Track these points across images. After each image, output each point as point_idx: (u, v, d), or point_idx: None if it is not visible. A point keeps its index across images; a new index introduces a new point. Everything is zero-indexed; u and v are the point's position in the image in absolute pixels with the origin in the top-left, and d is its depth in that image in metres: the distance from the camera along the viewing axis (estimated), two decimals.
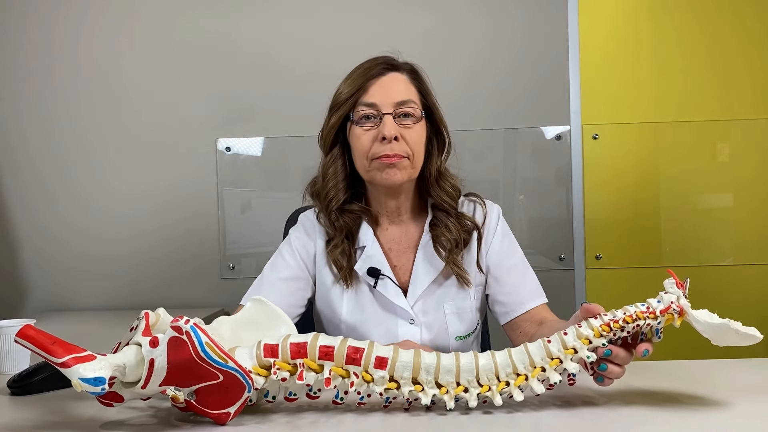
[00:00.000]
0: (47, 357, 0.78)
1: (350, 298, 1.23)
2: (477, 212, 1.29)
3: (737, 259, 2.35)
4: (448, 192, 1.24)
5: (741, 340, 0.85)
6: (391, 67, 1.23)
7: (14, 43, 2.43)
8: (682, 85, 2.35)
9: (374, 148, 1.17)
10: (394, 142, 1.16)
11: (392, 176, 1.17)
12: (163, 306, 0.92)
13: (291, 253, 1.27)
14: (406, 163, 1.18)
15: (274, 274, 1.26)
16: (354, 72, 1.22)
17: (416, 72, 1.26)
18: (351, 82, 1.21)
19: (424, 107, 1.23)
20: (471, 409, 0.86)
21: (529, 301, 1.24)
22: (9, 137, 2.44)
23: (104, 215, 2.41)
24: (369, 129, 1.18)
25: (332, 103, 1.23)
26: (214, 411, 0.82)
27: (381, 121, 1.17)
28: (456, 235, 1.22)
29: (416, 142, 1.19)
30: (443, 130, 1.26)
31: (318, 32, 2.38)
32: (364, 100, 1.19)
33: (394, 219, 1.27)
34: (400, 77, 1.22)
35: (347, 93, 1.20)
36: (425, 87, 1.25)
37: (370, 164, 1.18)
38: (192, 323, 0.79)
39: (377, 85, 1.19)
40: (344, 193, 1.23)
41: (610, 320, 0.86)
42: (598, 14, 2.36)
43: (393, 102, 1.18)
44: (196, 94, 2.40)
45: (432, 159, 1.24)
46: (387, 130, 1.15)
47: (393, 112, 1.17)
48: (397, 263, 1.26)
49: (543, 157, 2.36)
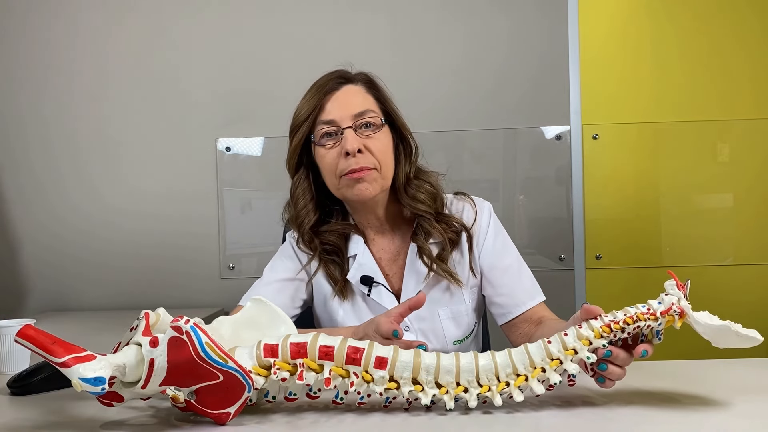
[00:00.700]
0: (47, 357, 0.78)
1: (347, 309, 1.23)
2: (466, 211, 1.26)
3: (737, 259, 2.35)
4: (418, 198, 1.21)
5: (741, 342, 0.85)
6: (345, 80, 1.21)
7: (14, 43, 2.43)
8: (682, 85, 2.35)
9: (340, 165, 1.15)
10: (358, 155, 1.14)
11: (363, 191, 1.16)
12: (163, 306, 0.92)
13: (290, 255, 1.27)
14: (375, 174, 1.16)
15: (272, 275, 1.26)
16: (309, 91, 1.20)
17: (371, 81, 1.24)
18: (307, 101, 1.19)
19: (384, 114, 1.21)
20: (471, 409, 0.86)
21: (527, 302, 1.23)
22: (9, 137, 2.44)
23: (104, 215, 2.42)
24: (332, 147, 1.17)
25: (292, 125, 1.21)
26: (214, 411, 0.82)
27: (342, 136, 1.15)
28: (440, 238, 1.20)
29: (381, 150, 1.17)
30: (407, 135, 1.24)
31: (318, 32, 2.38)
32: (322, 119, 1.17)
33: (379, 230, 1.26)
34: (355, 88, 1.20)
35: (305, 113, 1.18)
36: (382, 94, 1.23)
37: (340, 181, 1.17)
38: (192, 323, 0.78)
39: (333, 100, 1.18)
40: (314, 214, 1.22)
41: (610, 321, 0.85)
42: (598, 14, 2.36)
43: (351, 114, 1.16)
44: (196, 94, 2.40)
45: (399, 166, 1.22)
46: (349, 144, 1.14)
47: (353, 125, 1.16)
48: (389, 272, 1.25)
49: (543, 157, 2.36)
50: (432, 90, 2.33)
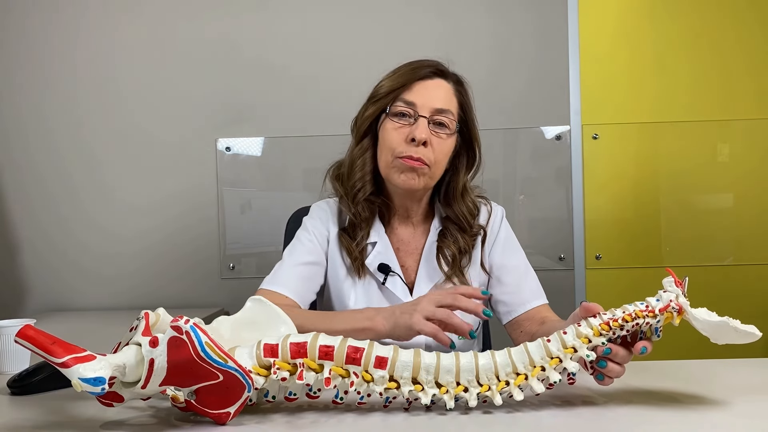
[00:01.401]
0: (47, 357, 0.78)
1: (360, 291, 1.25)
2: (482, 213, 1.30)
3: (737, 259, 2.35)
4: (469, 208, 1.26)
5: (740, 338, 0.85)
6: (439, 72, 1.23)
7: (14, 44, 2.43)
8: (682, 85, 2.35)
9: (401, 146, 1.17)
10: (421, 146, 1.16)
11: (410, 180, 1.18)
12: (163, 306, 0.92)
13: (309, 238, 1.27)
14: (427, 170, 1.19)
15: (293, 258, 1.26)
16: (400, 69, 1.22)
17: (462, 84, 1.26)
18: (396, 77, 1.21)
19: (460, 121, 1.23)
20: (471, 409, 0.86)
21: (531, 301, 1.25)
22: (9, 137, 2.43)
23: (104, 215, 2.42)
24: (401, 126, 1.19)
25: (372, 93, 1.23)
26: (214, 411, 0.82)
27: (416, 122, 1.17)
28: (463, 246, 1.24)
29: (443, 152, 1.20)
30: (476, 146, 1.26)
31: (318, 33, 2.37)
32: (404, 97, 1.19)
33: (403, 220, 1.29)
34: (445, 85, 1.22)
35: (389, 87, 1.20)
36: (467, 101, 1.25)
37: (393, 161, 1.19)
38: (192, 323, 0.78)
39: (421, 86, 1.20)
40: (371, 186, 1.24)
41: (609, 319, 0.86)
42: (598, 14, 2.36)
43: (432, 107, 1.18)
44: (197, 95, 2.40)
45: (459, 173, 1.25)
46: (419, 133, 1.15)
47: (429, 117, 1.18)
48: (404, 263, 1.27)
49: (543, 157, 2.36)
50: None
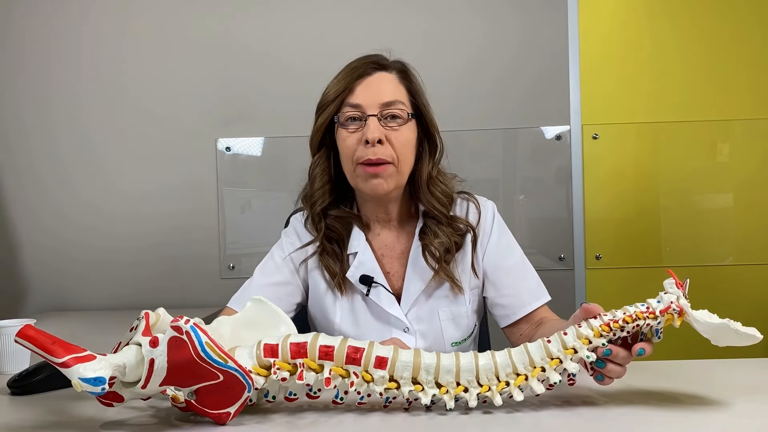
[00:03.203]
0: (47, 357, 0.78)
1: (343, 307, 1.20)
2: (470, 211, 1.24)
3: (737, 259, 2.35)
4: (438, 198, 1.19)
5: (741, 340, 0.85)
6: (379, 66, 1.18)
7: (15, 43, 2.43)
8: (681, 85, 2.35)
9: (358, 151, 1.12)
10: (378, 145, 1.11)
11: (377, 187, 1.13)
12: (163, 306, 0.92)
13: (282, 257, 1.23)
14: (392, 170, 1.13)
15: (263, 278, 1.23)
16: (341, 71, 1.18)
17: (406, 71, 1.20)
18: (337, 82, 1.16)
19: (413, 107, 1.18)
20: (471, 409, 0.86)
21: (531, 303, 1.21)
22: (9, 137, 2.44)
23: (104, 215, 2.42)
24: (354, 131, 1.14)
25: (319, 103, 1.19)
26: (214, 411, 0.82)
27: (366, 123, 1.13)
28: (446, 241, 1.18)
29: (403, 144, 1.14)
30: (434, 132, 1.20)
31: (318, 32, 2.38)
32: (349, 101, 1.14)
33: (385, 224, 1.23)
34: (388, 77, 1.17)
35: (333, 94, 1.16)
36: (415, 87, 1.20)
37: (355, 169, 1.14)
38: (192, 323, 0.78)
39: (363, 85, 1.15)
40: (330, 195, 1.20)
41: (609, 320, 0.86)
42: (598, 14, 2.36)
43: (379, 103, 1.13)
44: (196, 94, 2.41)
45: (423, 163, 1.19)
46: (370, 133, 1.11)
47: (378, 114, 1.13)
48: (390, 269, 1.22)
49: (543, 157, 2.36)
50: (432, 90, 2.31)
